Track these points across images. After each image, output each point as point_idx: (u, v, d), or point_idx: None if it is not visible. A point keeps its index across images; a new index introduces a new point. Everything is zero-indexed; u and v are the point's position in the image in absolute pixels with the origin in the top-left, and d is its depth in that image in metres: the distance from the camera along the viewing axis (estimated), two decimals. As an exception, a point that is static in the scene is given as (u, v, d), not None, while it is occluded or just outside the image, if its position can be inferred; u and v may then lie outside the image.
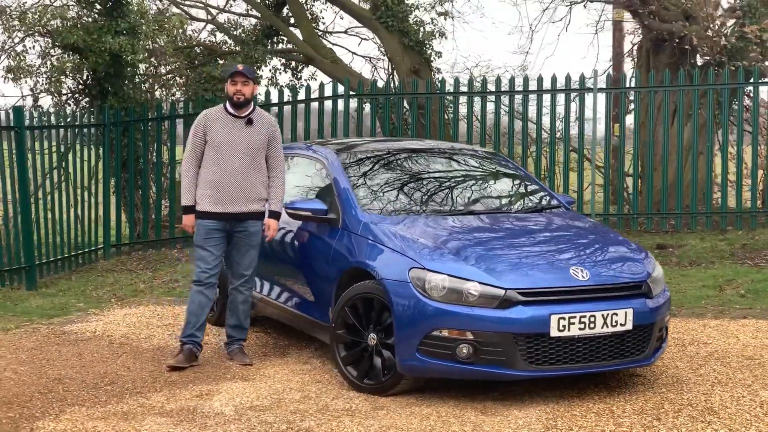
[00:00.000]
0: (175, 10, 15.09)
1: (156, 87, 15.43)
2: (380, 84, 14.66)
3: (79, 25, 13.55)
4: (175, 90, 15.73)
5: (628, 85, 13.29)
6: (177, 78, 15.69)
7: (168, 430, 5.68)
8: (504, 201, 7.54)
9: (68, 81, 14.32)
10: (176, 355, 7.24)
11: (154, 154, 14.02)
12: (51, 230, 12.13)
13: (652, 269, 6.53)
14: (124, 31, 13.28)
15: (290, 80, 17.19)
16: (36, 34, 14.35)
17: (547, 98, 13.19)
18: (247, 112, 7.26)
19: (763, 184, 13.05)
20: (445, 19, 16.18)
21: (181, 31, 14.57)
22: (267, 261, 7.63)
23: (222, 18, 16.86)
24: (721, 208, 13.09)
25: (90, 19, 13.79)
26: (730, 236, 12.51)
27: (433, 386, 6.42)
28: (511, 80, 13.31)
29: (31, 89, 14.90)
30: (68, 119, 12.58)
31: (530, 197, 7.65)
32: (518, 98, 13.62)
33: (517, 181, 7.84)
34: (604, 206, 13.22)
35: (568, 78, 13.06)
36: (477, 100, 13.50)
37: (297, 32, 16.35)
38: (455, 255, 6.28)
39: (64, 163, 12.42)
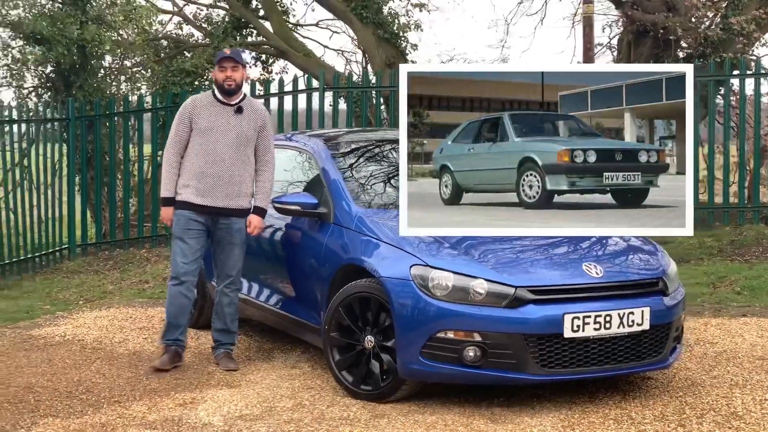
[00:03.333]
0: (141, 0, 14.49)
1: (122, 80, 14.84)
2: (355, 78, 14.16)
3: (45, 14, 12.95)
4: (141, 84, 15.14)
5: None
6: (143, 71, 15.11)
7: (152, 444, 5.20)
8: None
9: (30, 74, 13.70)
10: (161, 356, 6.76)
11: (122, 150, 13.45)
12: (13, 230, 11.55)
13: (667, 265, 6.14)
14: (90, 21, 12.70)
15: (261, 74, 16.68)
16: (-3, 25, 13.75)
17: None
18: (237, 100, 6.78)
19: (750, 179, 12.71)
20: (420, 10, 15.75)
21: (150, 22, 13.97)
22: (250, 259, 7.12)
23: (190, 9, 16.31)
24: (709, 203, 12.76)
25: (56, 8, 13.20)
26: (717, 232, 12.18)
27: (434, 392, 5.98)
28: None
29: (-9, 83, 14.32)
30: (30, 113, 11.98)
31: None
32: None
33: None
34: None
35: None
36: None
37: (267, 24, 15.83)
38: (459, 251, 5.84)
39: (26, 159, 11.82)
